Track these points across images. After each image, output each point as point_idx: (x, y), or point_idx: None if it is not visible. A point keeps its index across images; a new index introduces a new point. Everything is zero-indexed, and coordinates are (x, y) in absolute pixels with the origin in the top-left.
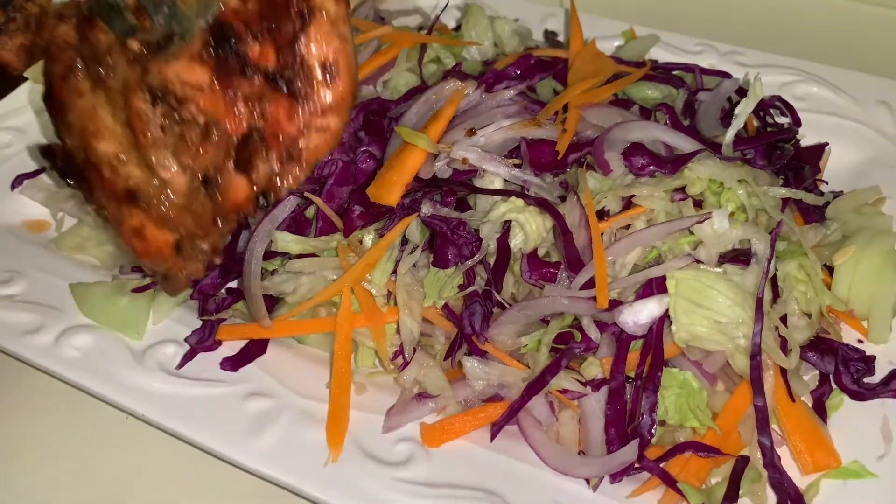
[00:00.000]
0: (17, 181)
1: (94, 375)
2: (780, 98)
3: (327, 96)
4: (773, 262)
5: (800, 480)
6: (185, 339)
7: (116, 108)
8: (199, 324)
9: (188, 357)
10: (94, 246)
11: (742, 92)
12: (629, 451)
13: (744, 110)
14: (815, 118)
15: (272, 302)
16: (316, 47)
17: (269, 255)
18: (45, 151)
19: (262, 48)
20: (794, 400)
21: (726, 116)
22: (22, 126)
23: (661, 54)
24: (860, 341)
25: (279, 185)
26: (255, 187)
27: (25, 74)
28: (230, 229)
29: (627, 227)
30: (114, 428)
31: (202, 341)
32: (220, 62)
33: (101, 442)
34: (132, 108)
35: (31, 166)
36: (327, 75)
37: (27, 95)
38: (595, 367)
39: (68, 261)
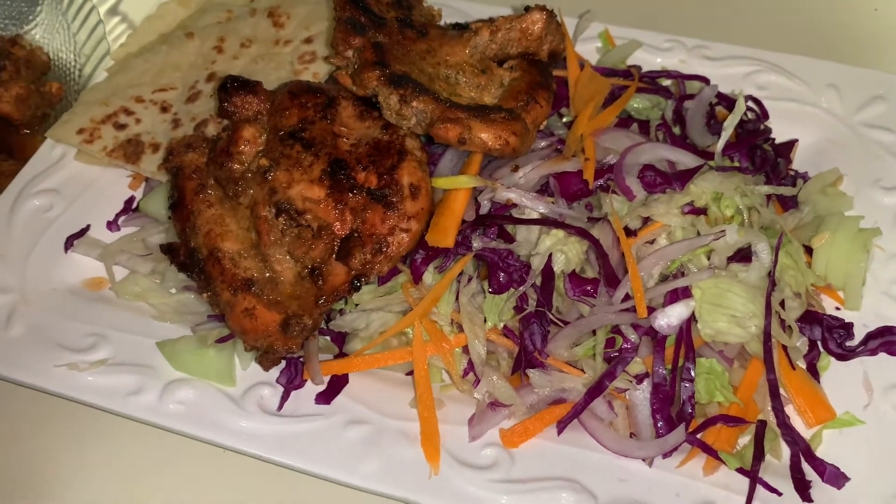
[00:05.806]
0: (69, 242)
1: (205, 426)
2: (752, 97)
3: (412, 207)
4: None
5: (804, 433)
6: (277, 381)
7: (241, 216)
8: None
9: (285, 398)
10: (155, 297)
11: (721, 96)
12: (679, 434)
13: (731, 123)
14: (777, 105)
15: (342, 337)
16: (406, 175)
17: None
18: (168, 249)
19: (366, 174)
20: (794, 368)
21: (710, 120)
22: (56, 187)
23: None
24: (837, 308)
25: (370, 271)
26: (351, 273)
27: (46, 135)
28: (329, 308)
29: (651, 240)
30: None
31: (292, 380)
32: (334, 183)
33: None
34: (259, 217)
35: (78, 225)
36: (413, 193)
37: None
38: (638, 365)
39: (140, 317)
